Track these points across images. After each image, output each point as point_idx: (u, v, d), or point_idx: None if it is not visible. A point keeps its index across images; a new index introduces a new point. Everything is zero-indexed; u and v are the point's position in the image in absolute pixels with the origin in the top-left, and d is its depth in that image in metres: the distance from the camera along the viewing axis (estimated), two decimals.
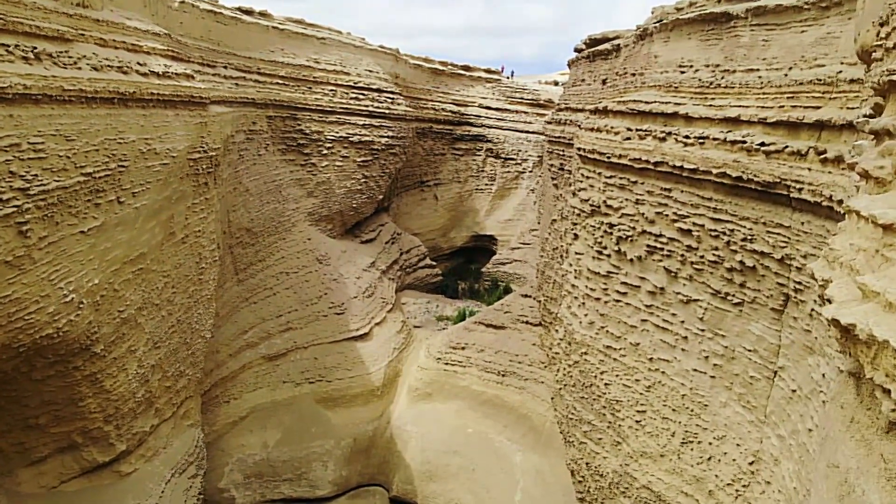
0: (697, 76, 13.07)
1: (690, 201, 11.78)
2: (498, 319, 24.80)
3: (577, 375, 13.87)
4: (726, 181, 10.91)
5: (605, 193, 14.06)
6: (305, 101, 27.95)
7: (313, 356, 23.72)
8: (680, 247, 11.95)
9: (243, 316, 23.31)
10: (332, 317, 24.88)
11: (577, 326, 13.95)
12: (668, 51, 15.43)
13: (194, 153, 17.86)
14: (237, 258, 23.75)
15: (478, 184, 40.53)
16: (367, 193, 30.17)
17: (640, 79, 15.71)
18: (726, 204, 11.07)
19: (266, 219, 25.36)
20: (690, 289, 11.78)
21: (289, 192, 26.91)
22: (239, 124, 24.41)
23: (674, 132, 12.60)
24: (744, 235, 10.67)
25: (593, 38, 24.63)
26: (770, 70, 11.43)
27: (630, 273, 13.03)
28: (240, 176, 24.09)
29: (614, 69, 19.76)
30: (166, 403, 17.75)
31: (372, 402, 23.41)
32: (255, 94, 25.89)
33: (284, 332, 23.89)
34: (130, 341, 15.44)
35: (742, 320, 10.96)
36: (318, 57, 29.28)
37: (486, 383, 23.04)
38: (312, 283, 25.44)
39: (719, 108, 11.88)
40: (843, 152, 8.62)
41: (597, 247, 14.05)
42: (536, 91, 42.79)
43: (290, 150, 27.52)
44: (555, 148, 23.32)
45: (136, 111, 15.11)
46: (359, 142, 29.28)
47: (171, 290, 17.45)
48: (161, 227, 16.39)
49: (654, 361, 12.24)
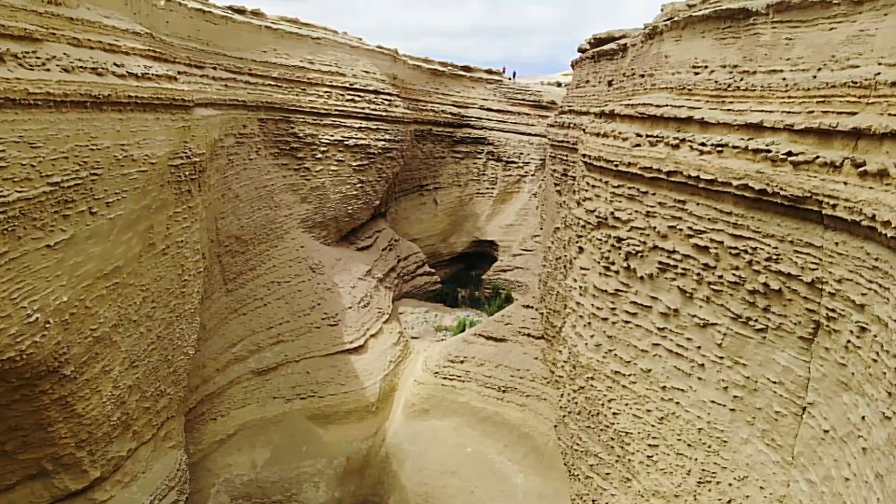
0: (713, 78, 12.01)
1: (707, 215, 10.73)
2: (498, 331, 23.72)
3: (582, 402, 12.80)
4: (748, 194, 9.86)
5: (613, 204, 13.01)
6: (299, 103, 26.96)
7: (305, 370, 22.67)
8: (696, 265, 10.89)
9: (232, 328, 22.29)
10: (326, 328, 23.82)
11: (583, 348, 12.89)
12: (679, 50, 14.39)
13: (176, 159, 17.03)
14: (226, 267, 22.74)
15: (478, 188, 39.56)
16: (363, 199, 29.11)
17: (650, 80, 14.64)
18: (748, 219, 10.01)
19: (257, 226, 24.36)
20: (707, 311, 10.72)
21: (281, 197, 25.89)
22: (228, 128, 23.44)
23: (688, 139, 11.54)
24: (768, 255, 9.61)
25: (598, 38, 23.58)
26: (795, 71, 10.37)
27: (640, 292, 11.98)
28: (229, 181, 23.10)
29: (621, 70, 18.70)
30: (145, 425, 16.81)
31: (366, 418, 22.34)
32: (245, 95, 24.91)
33: (275, 344, 22.86)
34: (104, 361, 14.56)
35: (766, 348, 9.90)
36: (312, 57, 28.30)
37: (485, 399, 21.97)
38: (305, 292, 24.39)
39: (739, 113, 10.83)
40: (888, 165, 7.56)
41: (604, 262, 13.00)
42: (539, 92, 41.91)
43: (282, 154, 26.52)
44: (557, 152, 22.24)
45: (112, 115, 14.32)
46: (355, 145, 28.26)
47: (151, 305, 16.56)
48: (139, 239, 15.55)
49: (668, 390, 11.18)
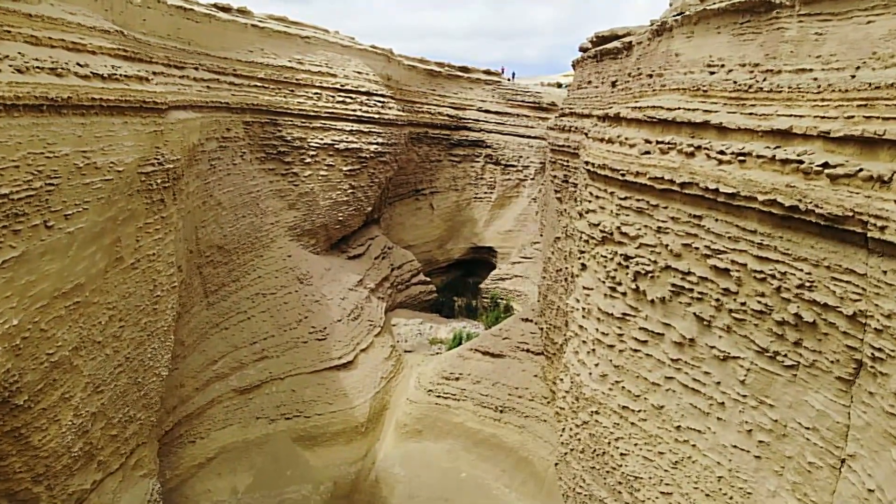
0: (731, 78, 10.75)
1: (728, 233, 9.46)
2: (496, 347, 22.44)
3: (586, 439, 11.53)
4: (776, 211, 8.59)
5: (619, 218, 11.74)
6: (287, 105, 25.70)
7: (290, 388, 21.40)
8: (714, 289, 9.62)
9: (213, 344, 21.02)
10: (313, 343, 22.55)
11: (587, 378, 11.61)
12: (691, 48, 13.12)
13: (147, 166, 15.86)
14: (207, 279, 21.47)
15: (476, 192, 38.34)
16: (354, 205, 27.84)
17: (659, 81, 13.38)
18: (776, 239, 8.74)
19: (241, 235, 23.10)
20: (728, 343, 9.45)
21: (267, 204, 24.63)
22: (210, 131, 22.19)
23: (704, 146, 10.27)
24: (800, 281, 8.34)
25: (601, 36, 22.31)
26: (829, 70, 9.11)
27: (651, 317, 10.71)
28: (210, 188, 21.84)
29: (626, 70, 17.44)
30: (112, 454, 15.56)
31: (355, 440, 21.06)
32: (230, 97, 23.67)
33: (259, 361, 21.58)
34: (64, 388, 13.35)
35: (797, 388, 8.63)
36: (301, 57, 27.03)
37: (482, 420, 20.69)
38: (291, 305, 23.12)
39: (763, 118, 9.56)
40: None
41: (609, 282, 11.73)
42: (539, 94, 40.70)
43: (269, 158, 25.25)
44: (558, 157, 20.97)
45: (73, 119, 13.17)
46: (345, 149, 26.98)
47: (118, 324, 15.35)
48: (104, 253, 14.34)
49: (683, 431, 9.91)
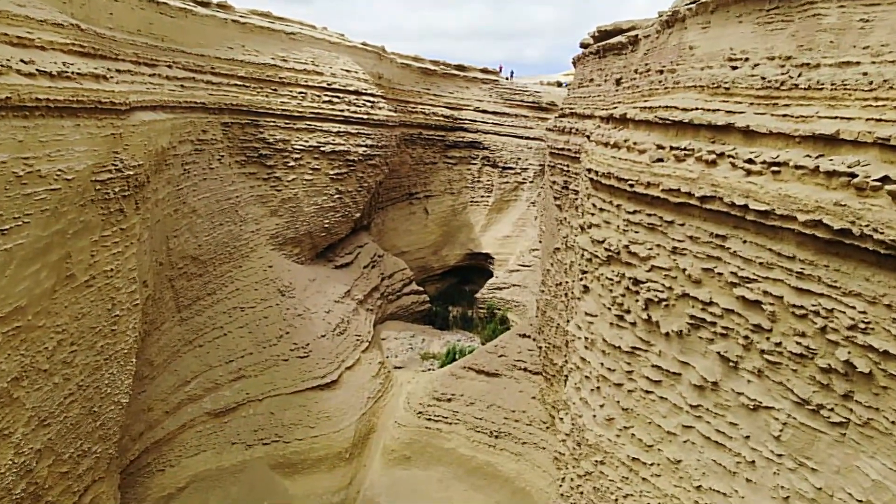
0: (759, 73, 9.20)
1: (759, 258, 7.93)
2: (491, 365, 20.91)
3: (589, 493, 9.99)
4: (821, 234, 7.06)
5: (627, 235, 10.21)
6: (269, 105, 24.16)
7: (269, 411, 19.88)
8: (742, 325, 8.09)
9: (185, 363, 19.49)
10: (294, 361, 21.02)
11: (590, 421, 10.07)
12: (708, 40, 11.58)
13: (102, 173, 14.33)
14: (179, 293, 19.93)
15: (473, 196, 36.82)
16: (341, 211, 26.30)
17: (671, 77, 11.83)
18: (820, 268, 7.21)
19: (218, 244, 21.56)
20: (759, 390, 7.91)
21: (247, 211, 23.09)
22: (184, 133, 20.65)
23: (728, 153, 8.74)
24: (852, 321, 6.81)
25: (603, 30, 20.78)
26: (881, 64, 7.58)
27: (665, 353, 9.17)
28: (184, 194, 20.30)
29: (632, 66, 15.89)
30: (63, 493, 14.00)
31: (339, 466, 19.52)
32: (206, 97, 22.13)
33: (235, 381, 20.05)
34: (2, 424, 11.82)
35: (845, 450, 7.10)
36: (285, 55, 25.49)
37: (475, 446, 19.17)
38: (272, 319, 21.60)
39: (800, 120, 8.02)
40: None
41: (616, 309, 10.19)
42: (538, 93, 39.16)
43: (249, 162, 23.71)
44: (557, 162, 19.43)
45: (12, 122, 11.71)
46: (332, 151, 25.45)
47: (69, 349, 13.81)
48: (51, 271, 12.81)
49: (704, 492, 8.36)
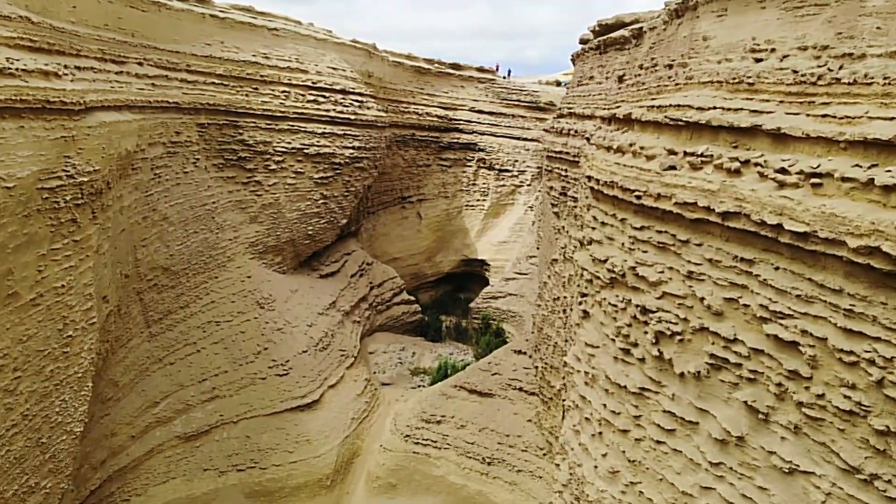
0: (788, 65, 7.79)
1: (795, 289, 6.51)
2: (484, 384, 19.49)
3: None
4: (877, 263, 5.67)
5: (634, 255, 8.78)
6: (249, 105, 22.75)
7: (244, 434, 18.47)
8: (774, 369, 6.68)
9: (154, 382, 18.08)
10: (273, 379, 19.63)
11: (590, 473, 8.64)
12: (725, 29, 10.17)
13: (51, 180, 13.05)
14: (149, 307, 18.53)
15: (468, 199, 35.46)
16: (326, 217, 24.88)
17: (683, 72, 10.42)
18: (875, 306, 5.81)
19: (192, 253, 20.15)
20: (796, 450, 6.49)
21: (225, 217, 21.67)
22: (154, 135, 19.24)
23: (755, 160, 7.33)
24: None
25: (604, 24, 19.39)
26: None
27: (680, 397, 7.75)
28: (154, 201, 18.90)
29: (636, 61, 14.47)
30: None
31: (319, 495, 18.10)
32: (180, 96, 20.72)
33: (208, 402, 18.64)
34: None
35: None
36: (268, 51, 24.08)
37: (466, 474, 17.75)
38: (249, 334, 20.19)
39: (845, 121, 6.62)
40: None
41: (621, 340, 8.76)
42: (536, 92, 37.79)
43: (228, 165, 22.30)
44: (554, 166, 18.01)
45: None
46: (316, 154, 24.03)
47: (12, 376, 12.49)
48: None
49: None
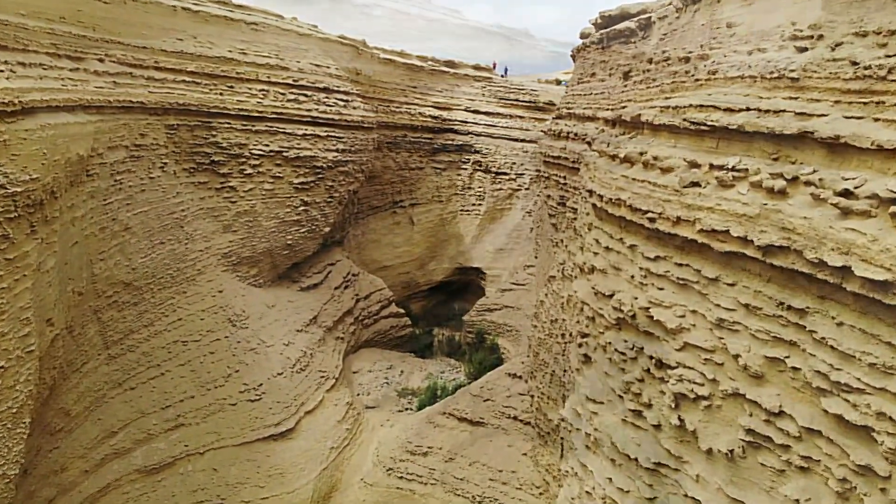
0: (845, 56, 6.12)
1: (868, 355, 4.83)
2: (475, 411, 17.84)
3: None
4: None
5: (647, 292, 7.10)
6: (223, 105, 21.08)
7: (211, 466, 16.80)
8: (837, 458, 5.00)
9: (112, 410, 16.43)
10: (244, 405, 17.97)
11: None
12: (754, 13, 8.50)
13: None
14: (108, 326, 16.88)
15: (463, 204, 33.83)
16: (307, 225, 23.20)
17: (703, 65, 8.72)
18: None
19: (157, 267, 18.49)
20: None
21: (195, 227, 19.99)
22: (114, 138, 17.59)
23: (806, 178, 5.66)
24: None
25: (607, 16, 17.71)
26: None
27: (707, 481, 6.03)
28: (114, 210, 17.26)
29: (644, 55, 12.77)
30: None
31: None
32: (146, 95, 19.08)
33: (172, 430, 16.97)
34: None
35: None
36: (245, 47, 22.44)
37: None
38: (219, 355, 18.53)
39: None
40: None
41: (630, 399, 7.08)
42: (535, 91, 36.14)
43: (199, 169, 20.63)
44: (552, 172, 16.33)
45: None
46: (296, 157, 22.37)
47: None
48: None
49: None
